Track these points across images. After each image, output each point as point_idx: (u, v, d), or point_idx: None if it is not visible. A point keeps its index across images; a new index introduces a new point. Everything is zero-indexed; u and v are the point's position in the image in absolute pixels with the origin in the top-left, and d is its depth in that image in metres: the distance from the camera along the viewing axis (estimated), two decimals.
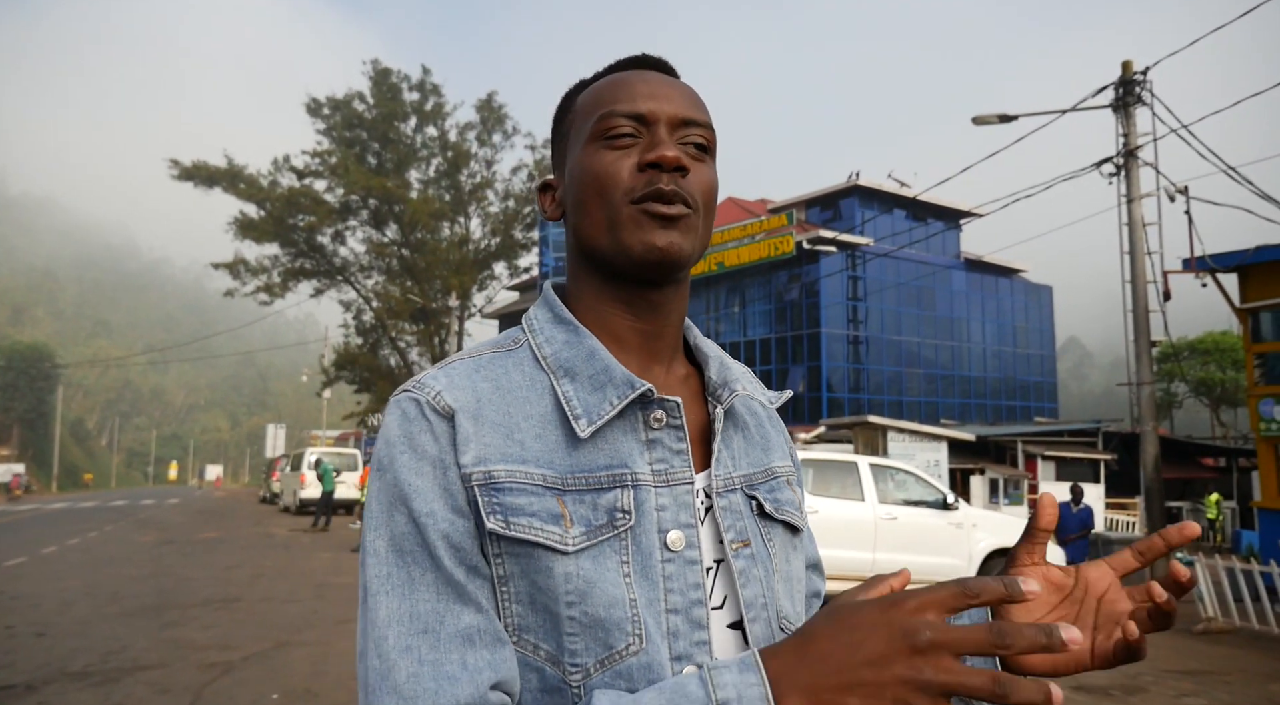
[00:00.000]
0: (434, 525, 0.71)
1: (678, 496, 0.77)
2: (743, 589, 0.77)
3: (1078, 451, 21.17)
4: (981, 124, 14.06)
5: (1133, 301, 12.88)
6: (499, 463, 0.73)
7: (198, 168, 30.98)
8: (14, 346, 70.43)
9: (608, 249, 0.79)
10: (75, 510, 31.19)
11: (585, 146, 0.81)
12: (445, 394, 0.75)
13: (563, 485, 0.74)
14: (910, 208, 33.70)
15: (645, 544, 0.74)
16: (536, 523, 0.71)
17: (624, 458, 0.76)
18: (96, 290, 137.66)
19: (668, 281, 0.81)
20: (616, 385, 0.77)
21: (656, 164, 0.77)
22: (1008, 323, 38.79)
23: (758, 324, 34.84)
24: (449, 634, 0.68)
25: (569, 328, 0.81)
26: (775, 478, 0.88)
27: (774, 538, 0.84)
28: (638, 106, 0.80)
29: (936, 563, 9.25)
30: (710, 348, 0.89)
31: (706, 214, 0.81)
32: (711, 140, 0.83)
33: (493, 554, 0.72)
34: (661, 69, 0.87)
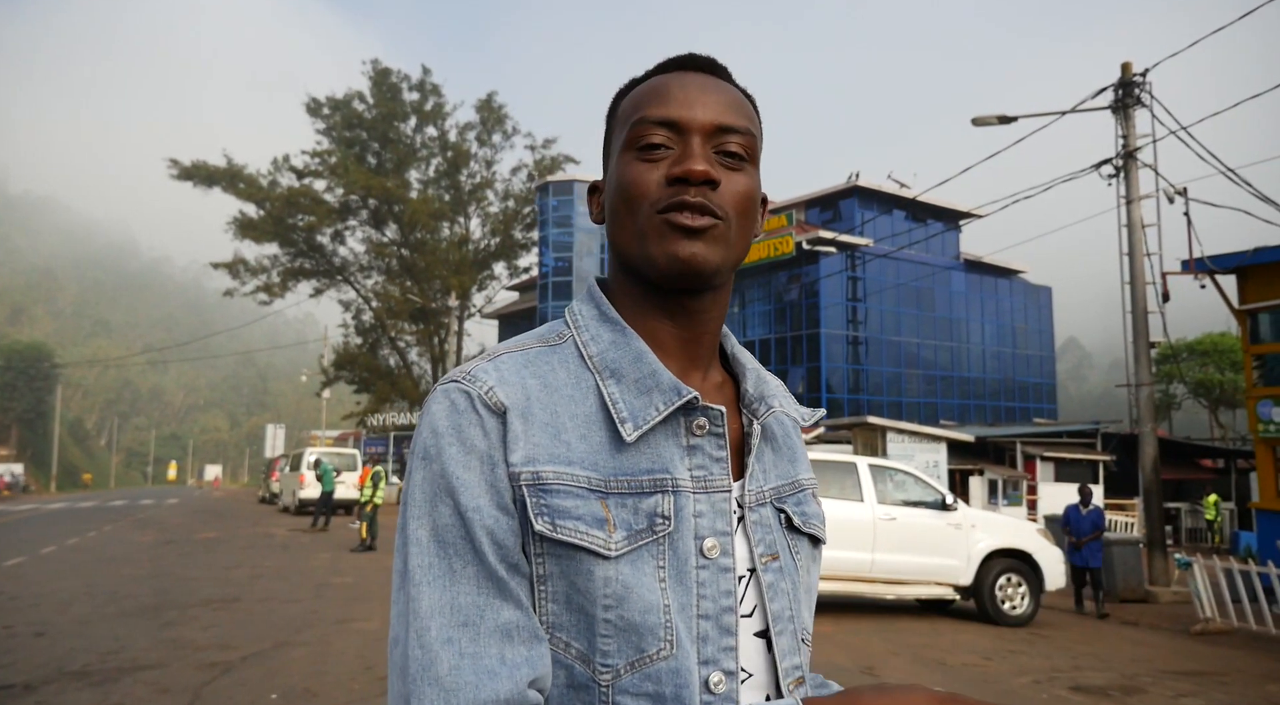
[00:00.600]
0: (479, 520, 0.71)
1: (715, 504, 0.77)
2: (770, 602, 0.79)
3: (1076, 452, 21.18)
4: (981, 125, 14.06)
5: (1132, 303, 12.89)
6: (547, 463, 0.73)
7: (197, 167, 30.98)
8: (13, 346, 70.38)
9: (637, 258, 0.79)
10: (74, 510, 31.18)
11: (621, 155, 0.81)
12: (498, 389, 0.75)
13: (606, 488, 0.74)
14: (910, 208, 33.72)
15: (682, 549, 0.75)
16: (582, 526, 0.72)
17: (665, 463, 0.76)
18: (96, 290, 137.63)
19: (702, 290, 0.81)
20: (663, 390, 0.77)
21: (683, 178, 0.76)
22: (1007, 324, 38.80)
23: (757, 324, 34.85)
24: (489, 628, 0.69)
25: (616, 328, 0.81)
26: (802, 490, 0.89)
27: (800, 550, 0.85)
28: (670, 114, 0.79)
29: (935, 563, 9.27)
30: (747, 358, 0.89)
31: (741, 223, 0.80)
32: (751, 146, 0.81)
33: (534, 553, 0.73)
34: (708, 69, 0.84)
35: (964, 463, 20.50)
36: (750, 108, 0.84)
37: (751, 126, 0.82)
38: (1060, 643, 8.34)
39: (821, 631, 8.43)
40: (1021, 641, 8.29)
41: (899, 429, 18.01)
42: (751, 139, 0.82)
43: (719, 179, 0.77)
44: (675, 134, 0.79)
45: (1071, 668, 7.14)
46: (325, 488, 19.94)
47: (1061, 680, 6.63)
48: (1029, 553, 9.42)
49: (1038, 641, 8.35)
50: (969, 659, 7.34)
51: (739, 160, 0.80)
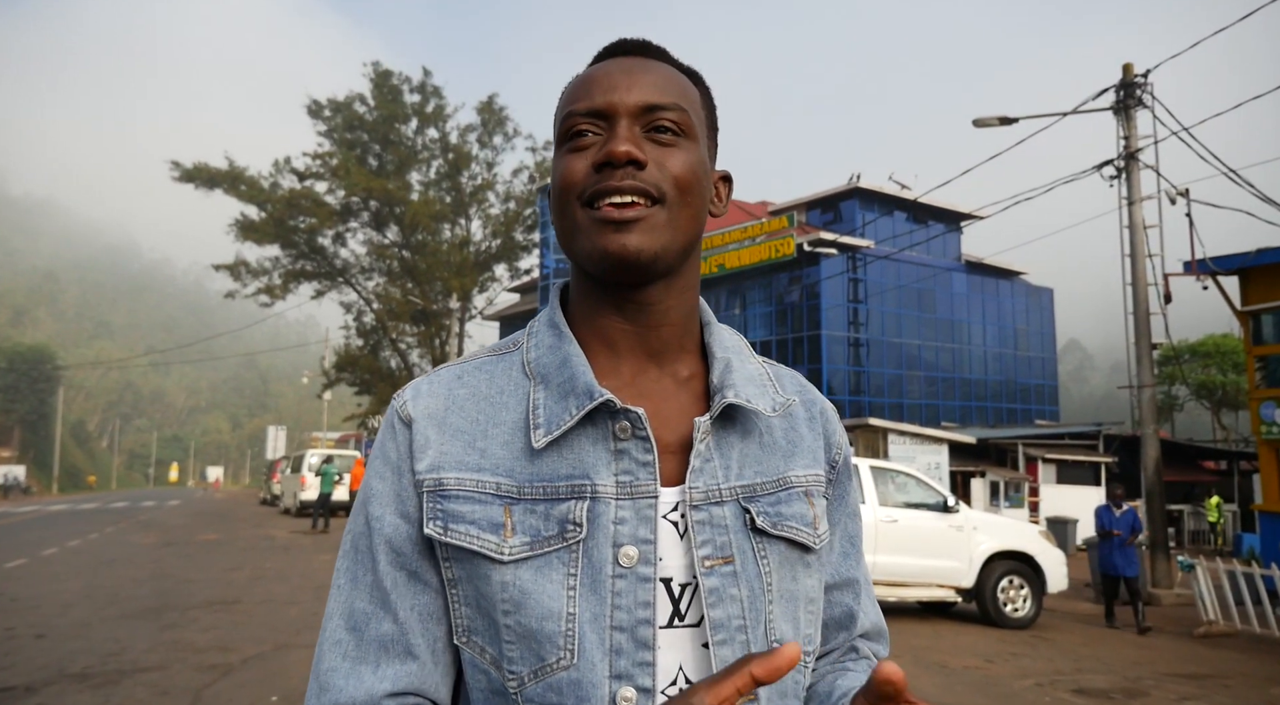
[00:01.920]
0: (380, 529, 0.76)
1: (639, 510, 0.74)
2: (710, 609, 0.73)
3: (1079, 454, 21.16)
4: (982, 127, 14.05)
5: (1134, 304, 12.87)
6: (452, 470, 0.75)
7: (199, 169, 30.99)
8: (15, 348, 70.43)
9: (577, 255, 0.78)
10: (76, 512, 31.19)
11: (556, 152, 0.80)
12: (410, 403, 0.79)
13: (518, 494, 0.74)
14: (911, 210, 33.73)
15: (597, 558, 0.72)
16: (474, 530, 0.73)
17: (587, 468, 0.74)
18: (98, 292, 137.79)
19: (648, 281, 0.78)
20: (578, 395, 0.75)
21: (606, 161, 0.74)
22: (1008, 325, 38.78)
23: (758, 326, 34.84)
24: (372, 637, 0.74)
25: (555, 333, 0.81)
26: (787, 488, 0.81)
27: (770, 555, 0.78)
28: (594, 102, 0.77)
29: (937, 565, 9.24)
30: (721, 348, 0.84)
31: (685, 200, 0.77)
32: (685, 121, 0.78)
33: (442, 558, 0.75)
34: (639, 51, 0.83)
35: (966, 464, 20.48)
36: (684, 82, 0.81)
37: (683, 101, 0.79)
38: (1062, 645, 8.31)
39: None
40: (1023, 644, 8.27)
41: (900, 431, 18.00)
42: (684, 113, 0.78)
43: (644, 158, 0.74)
44: (602, 121, 0.77)
45: (1074, 670, 7.12)
46: (323, 489, 19.97)
47: (1064, 683, 6.61)
48: (1031, 555, 9.39)
49: (1040, 644, 8.33)
50: (971, 661, 7.32)
51: (671, 136, 0.77)
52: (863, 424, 18.34)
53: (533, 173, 35.54)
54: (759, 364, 0.88)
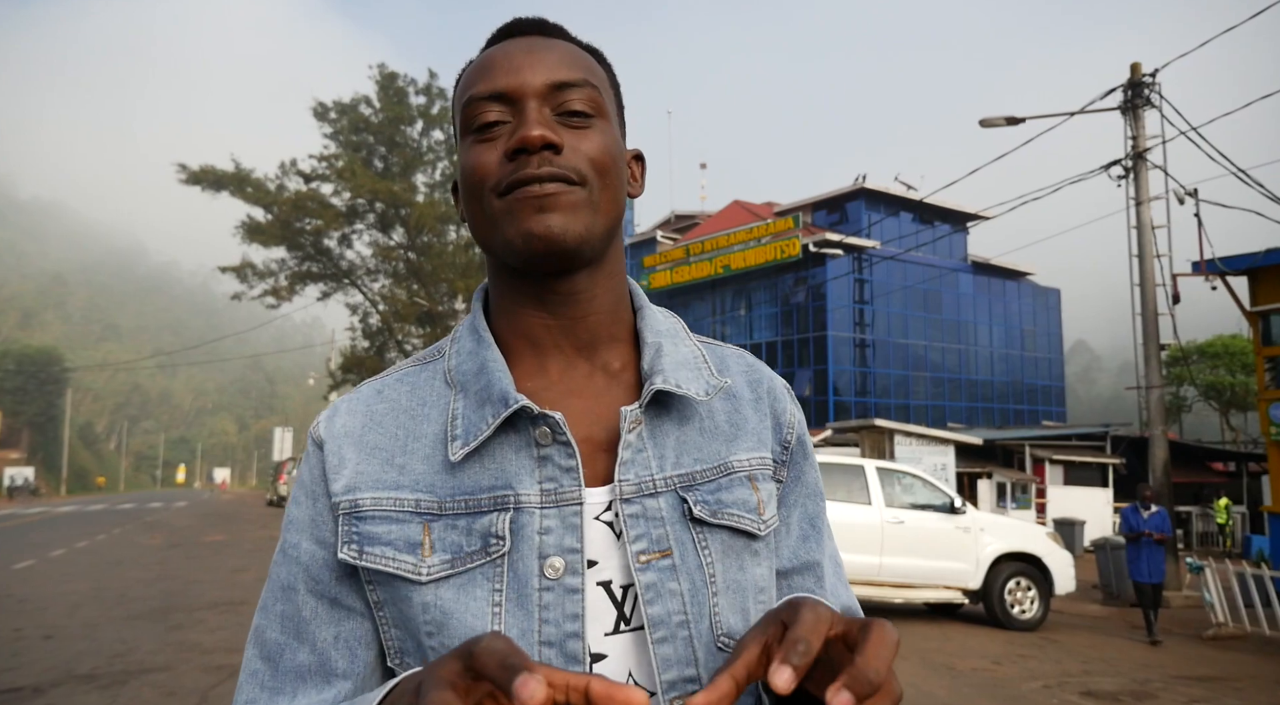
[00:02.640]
0: (297, 557, 0.74)
1: (565, 518, 0.70)
2: (648, 607, 0.70)
3: (1086, 455, 21.07)
4: (989, 127, 14.01)
5: (1142, 305, 12.82)
6: (369, 490, 0.72)
7: (205, 172, 31.09)
8: (23, 350, 70.77)
9: (497, 247, 0.74)
10: (84, 513, 31.32)
11: (461, 142, 0.76)
12: (324, 424, 0.77)
13: (439, 510, 0.71)
14: (917, 210, 33.67)
15: (522, 571, 0.69)
16: (390, 552, 0.70)
17: (509, 478, 0.71)
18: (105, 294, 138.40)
19: (573, 269, 0.74)
20: (494, 402, 0.72)
21: (521, 148, 0.70)
22: (1015, 326, 38.68)
23: (764, 327, 34.80)
24: (287, 668, 0.73)
25: (475, 337, 0.78)
26: (729, 474, 0.77)
27: (711, 545, 0.74)
28: (497, 85, 0.73)
29: (944, 567, 9.21)
30: (653, 333, 0.80)
31: (604, 183, 0.73)
32: (596, 99, 0.74)
33: (365, 581, 0.73)
34: (536, 30, 0.78)
35: (972, 466, 20.41)
36: (590, 60, 0.78)
37: (592, 77, 0.75)
38: (1070, 647, 8.27)
39: None
40: (1031, 646, 8.24)
41: (907, 432, 17.95)
42: (594, 91, 0.75)
43: (560, 142, 0.71)
44: (508, 106, 0.73)
45: (1082, 672, 7.08)
46: None
47: (1072, 685, 6.58)
48: (1038, 556, 9.36)
49: (1048, 646, 8.29)
50: (978, 663, 7.29)
51: (584, 117, 0.74)
52: (869, 425, 18.29)
53: None
54: (695, 346, 0.84)
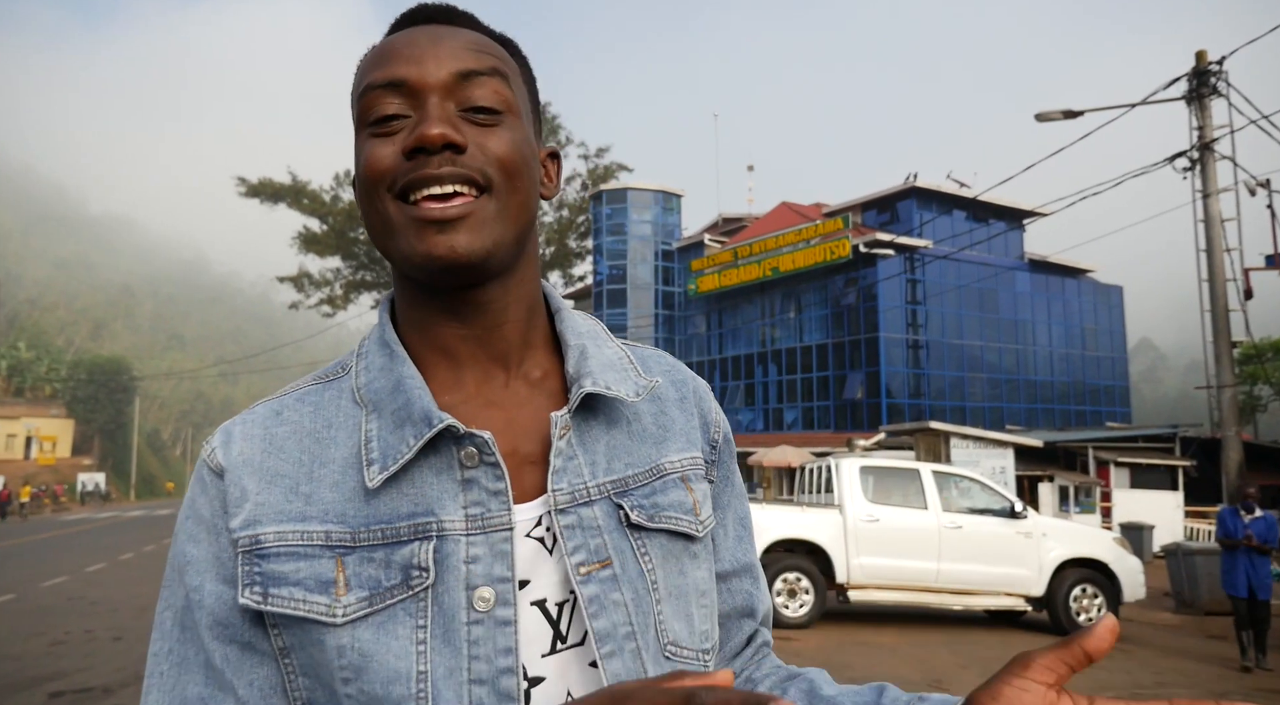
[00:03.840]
0: (201, 601, 0.66)
1: (494, 544, 0.65)
2: (593, 620, 0.66)
3: (1153, 458, 20.35)
4: (1045, 121, 13.62)
5: (1211, 301, 12.32)
6: (272, 523, 0.65)
7: (263, 185, 32.01)
8: (95, 360, 73.66)
9: (394, 257, 0.68)
10: (151, 517, 32.41)
11: (357, 136, 0.69)
12: (220, 450, 0.69)
13: (353, 541, 0.65)
14: (970, 208, 32.95)
15: (449, 604, 0.64)
16: (299, 592, 0.63)
17: (431, 503, 0.66)
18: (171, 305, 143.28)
19: (482, 280, 0.69)
20: (415, 422, 0.66)
21: (420, 147, 0.64)
22: (1075, 324, 37.59)
23: (814, 329, 34.42)
24: None
25: (386, 352, 0.72)
26: (662, 476, 0.74)
27: (651, 551, 0.71)
28: (396, 73, 0.67)
29: (1005, 573, 8.95)
30: (575, 336, 0.76)
31: (513, 185, 0.68)
32: (504, 93, 0.69)
33: (270, 625, 0.65)
34: (443, 18, 0.72)
35: (1032, 469, 19.85)
36: (499, 50, 0.72)
37: (503, 67, 0.70)
38: (1143, 658, 7.96)
39: (887, 643, 8.22)
40: None
41: (963, 434, 17.52)
42: (503, 83, 0.69)
43: (463, 142, 0.65)
44: (408, 98, 0.67)
45: (1155, 684, 6.80)
46: None
47: (1144, 696, 6.30)
48: (1105, 562, 9.03)
49: (1118, 656, 7.99)
50: None
51: (492, 113, 0.68)
52: (923, 427, 17.91)
53: (585, 180, 35.80)
54: (618, 347, 0.80)
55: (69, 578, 12.81)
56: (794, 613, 8.84)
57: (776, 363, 35.91)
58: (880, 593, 8.97)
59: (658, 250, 39.63)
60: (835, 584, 9.03)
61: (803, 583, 8.90)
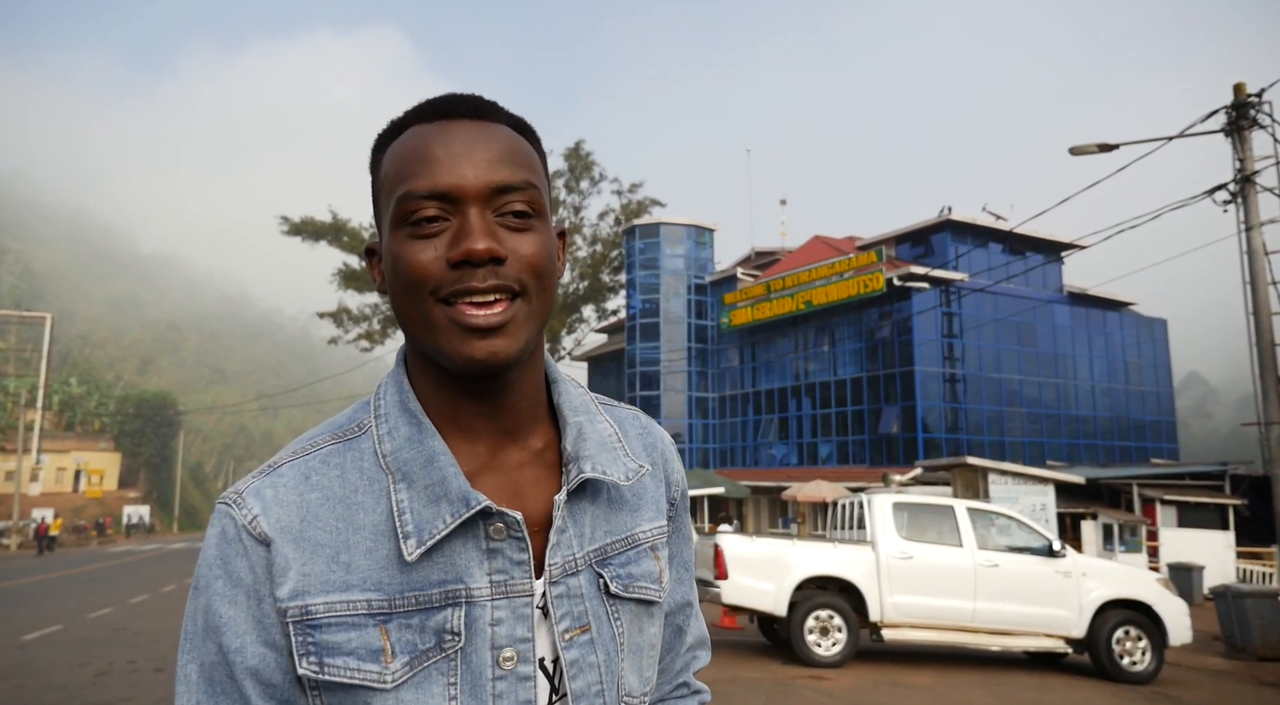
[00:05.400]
0: (243, 662, 0.69)
1: (516, 609, 0.72)
2: (572, 681, 0.74)
3: (1202, 495, 19.78)
4: (1080, 155, 13.57)
5: (1256, 334, 12.07)
6: (319, 594, 0.69)
7: (305, 223, 32.84)
8: (142, 395, 75.53)
9: (430, 350, 0.73)
10: (194, 549, 32.88)
11: (392, 231, 0.73)
12: (263, 518, 0.71)
13: (390, 608, 0.70)
14: (1007, 241, 32.68)
15: (476, 663, 0.70)
16: (354, 662, 0.68)
17: (460, 572, 0.72)
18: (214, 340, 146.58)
19: (507, 371, 0.74)
20: (451, 500, 0.71)
21: (466, 260, 0.69)
22: (1118, 358, 36.85)
23: (848, 363, 34.17)
24: None
25: (413, 421, 0.75)
26: (635, 546, 0.82)
27: (622, 616, 0.80)
28: (438, 183, 0.70)
29: (1043, 613, 8.75)
30: (572, 410, 0.83)
31: (541, 285, 0.73)
32: (536, 200, 0.74)
33: (309, 688, 0.69)
34: (472, 113, 0.75)
35: (1075, 506, 19.39)
36: (527, 150, 0.76)
37: (532, 176, 0.74)
38: (1187, 703, 7.71)
39: (922, 684, 8.06)
40: (1143, 700, 7.71)
41: (1002, 470, 17.23)
42: (536, 192, 0.74)
43: (505, 254, 0.70)
44: (448, 204, 0.71)
45: None
46: None
47: None
48: (1149, 604, 8.78)
49: (1161, 701, 7.75)
50: None
51: (525, 218, 0.73)
52: (960, 463, 17.65)
53: (618, 215, 36.19)
54: (607, 423, 0.86)
55: (114, 609, 13.07)
56: (826, 651, 8.72)
57: (810, 396, 35.65)
58: (915, 632, 8.81)
59: (690, 284, 39.78)
60: (868, 622, 8.90)
61: (835, 621, 8.78)
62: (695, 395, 39.71)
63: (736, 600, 9.00)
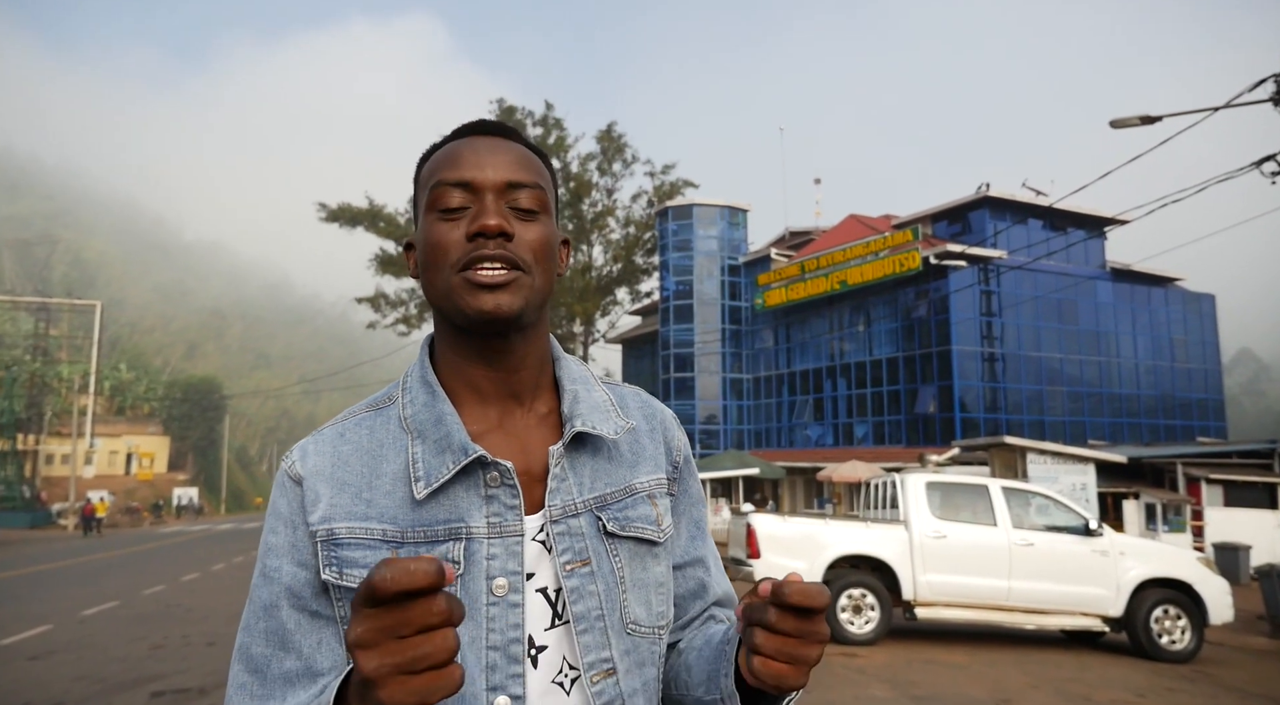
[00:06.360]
0: (279, 578, 0.85)
1: (508, 546, 0.85)
2: (573, 605, 0.86)
3: (1250, 474, 19.33)
4: (1121, 127, 13.24)
5: None
6: (343, 520, 0.84)
7: (342, 210, 33.27)
8: (189, 380, 77.48)
9: (448, 311, 0.88)
10: (240, 530, 33.85)
11: (425, 216, 0.89)
12: (299, 462, 0.88)
13: (402, 538, 0.84)
14: (1047, 217, 32.00)
15: (473, 589, 0.83)
16: (364, 573, 0.81)
17: (462, 513, 0.85)
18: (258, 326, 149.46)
19: (510, 333, 0.89)
20: (454, 451, 0.85)
21: (480, 233, 0.85)
22: (1163, 335, 36.01)
23: (884, 343, 33.86)
24: (275, 675, 0.83)
25: (429, 390, 0.91)
26: (632, 494, 0.94)
27: (620, 553, 0.90)
28: (464, 175, 0.87)
29: (1080, 592, 8.70)
30: (570, 381, 0.96)
31: (541, 267, 0.88)
32: (541, 198, 0.89)
33: (335, 598, 0.84)
34: (497, 132, 0.93)
35: (1117, 486, 19.09)
36: (538, 163, 0.92)
37: (540, 180, 0.90)
38: (1227, 683, 7.63)
39: (956, 661, 8.08)
40: (1181, 679, 7.65)
41: (1040, 449, 16.98)
42: (541, 191, 0.90)
43: (513, 231, 0.86)
44: (471, 194, 0.87)
45: None
46: None
47: None
48: (1188, 583, 8.68)
49: (1200, 680, 7.68)
50: (1119, 695, 6.85)
51: (531, 213, 0.88)
52: (998, 442, 17.43)
53: (651, 197, 36.10)
54: (603, 391, 0.99)
55: (166, 587, 13.56)
56: (859, 629, 8.77)
57: (846, 377, 35.42)
58: (949, 610, 8.82)
59: (724, 265, 39.63)
60: (901, 601, 8.92)
61: (868, 599, 8.82)
62: (730, 377, 39.66)
63: None
